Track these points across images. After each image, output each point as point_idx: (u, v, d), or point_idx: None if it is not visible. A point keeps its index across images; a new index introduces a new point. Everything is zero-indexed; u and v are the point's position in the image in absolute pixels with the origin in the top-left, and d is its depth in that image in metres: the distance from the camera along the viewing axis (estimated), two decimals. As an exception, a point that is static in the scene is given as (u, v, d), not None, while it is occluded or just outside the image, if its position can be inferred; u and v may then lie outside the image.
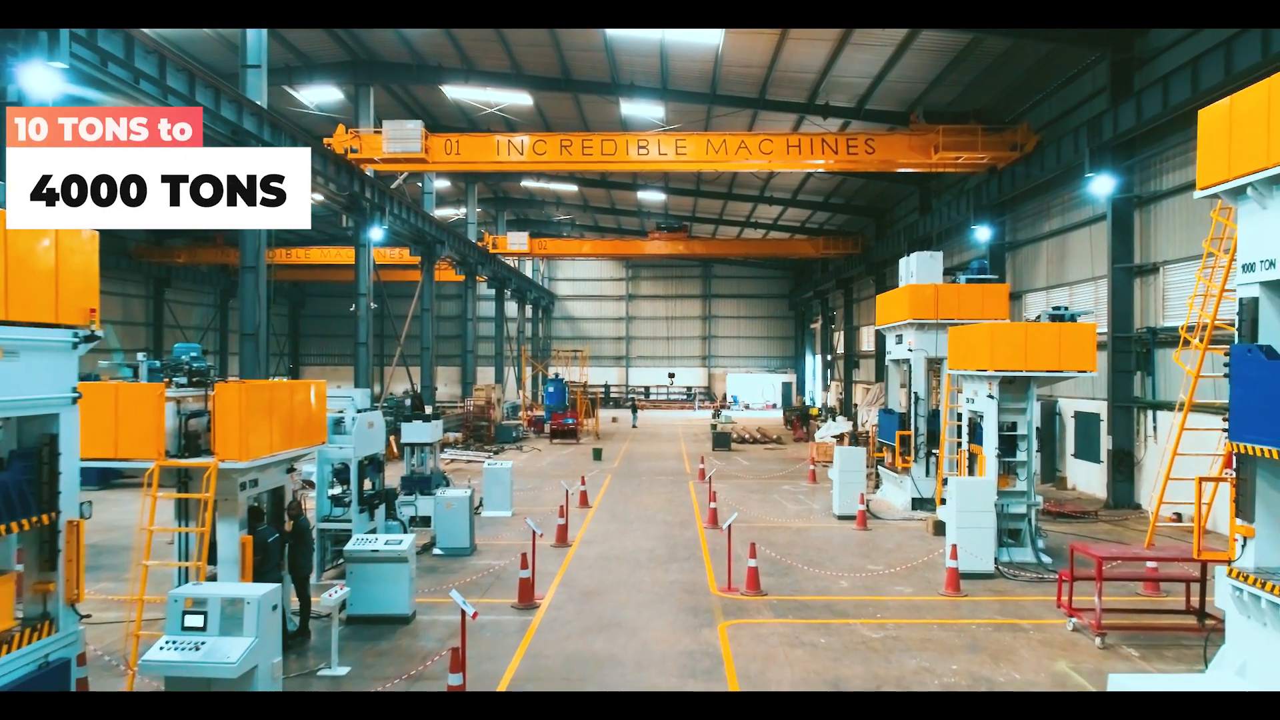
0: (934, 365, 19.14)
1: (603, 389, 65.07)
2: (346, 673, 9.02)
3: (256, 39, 20.90)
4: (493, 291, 50.71)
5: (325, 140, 24.69)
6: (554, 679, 8.92)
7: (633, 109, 30.58)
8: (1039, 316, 15.10)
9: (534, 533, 13.04)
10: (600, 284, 68.30)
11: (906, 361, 20.04)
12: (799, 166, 25.66)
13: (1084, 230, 22.35)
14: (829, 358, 55.21)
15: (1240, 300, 8.26)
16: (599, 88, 28.33)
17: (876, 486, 21.65)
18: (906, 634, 10.43)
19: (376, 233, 27.84)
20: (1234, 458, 8.22)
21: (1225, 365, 8.06)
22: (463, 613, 8.45)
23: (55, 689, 6.51)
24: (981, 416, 14.75)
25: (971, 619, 11.06)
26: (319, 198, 25.28)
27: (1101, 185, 19.79)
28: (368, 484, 13.54)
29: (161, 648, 6.80)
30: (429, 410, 20.93)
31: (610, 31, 23.51)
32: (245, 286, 20.29)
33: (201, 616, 6.92)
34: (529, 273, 63.69)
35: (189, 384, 9.31)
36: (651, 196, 46.34)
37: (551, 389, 39.42)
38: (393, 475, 17.41)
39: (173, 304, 50.64)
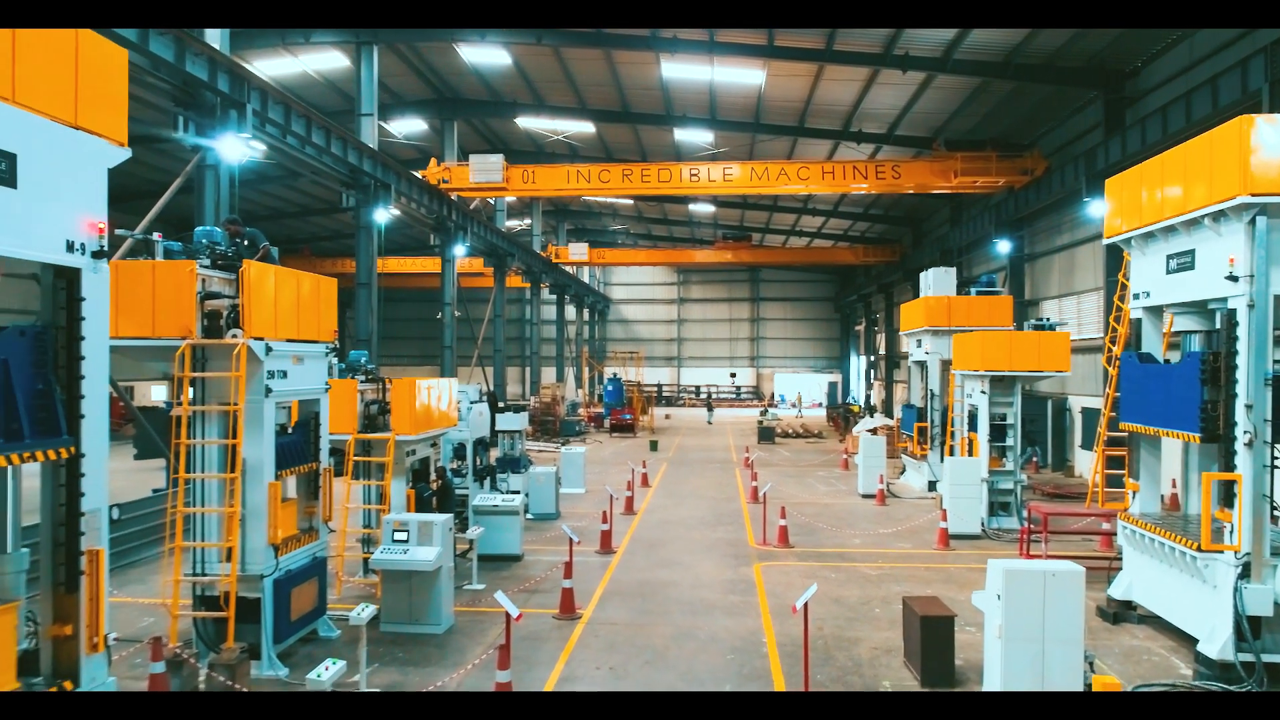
0: (947, 366, 22.14)
1: (655, 388, 68.63)
2: (484, 587, 12.56)
3: (369, 88, 24.84)
4: (554, 297, 54.56)
5: (421, 172, 28.53)
6: (631, 593, 12.35)
7: (684, 135, 33.94)
8: (1022, 326, 18.09)
9: (610, 498, 16.52)
10: (653, 288, 71.75)
11: (924, 363, 23.07)
12: (835, 190, 28.74)
13: (1088, 246, 25.11)
14: (872, 358, 57.95)
15: (1131, 320, 11.37)
16: (654, 119, 31.77)
17: (902, 472, 24.72)
18: (898, 572, 13.62)
19: (460, 249, 31.73)
20: (1129, 434, 11.31)
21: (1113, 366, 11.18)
22: (571, 542, 11.93)
23: (318, 575, 10.13)
24: (977, 409, 17.82)
25: (953, 565, 14.20)
26: (396, 212, 29.19)
27: (1098, 209, 22.58)
28: (480, 460, 17.12)
29: (381, 552, 10.36)
30: (501, 405, 24.65)
31: (665, 74, 26.92)
32: (359, 300, 24.14)
33: (406, 533, 10.46)
34: (586, 279, 67.52)
35: (367, 380, 12.95)
36: (701, 208, 49.62)
37: (610, 387, 43.01)
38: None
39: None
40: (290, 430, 10.15)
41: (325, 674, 6.88)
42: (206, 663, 8.37)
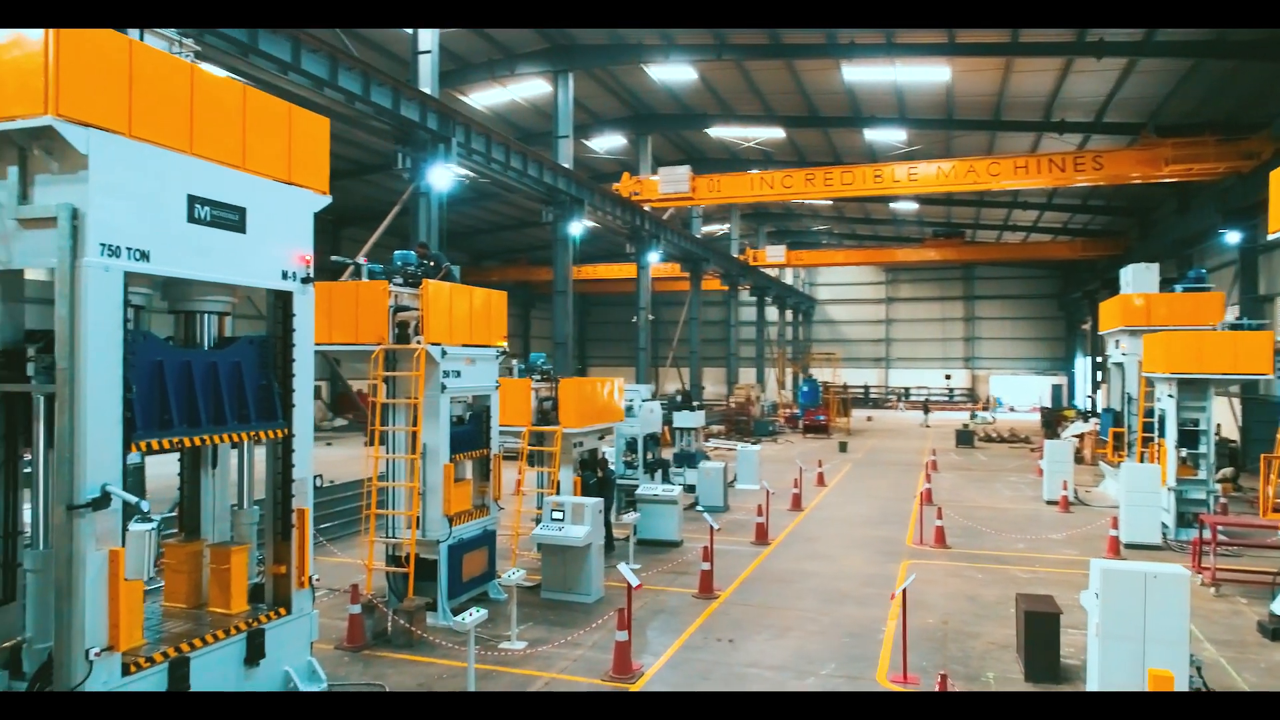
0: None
1: (862, 390, 67.54)
2: (638, 568, 13.87)
3: (565, 112, 27.11)
4: (754, 299, 55.44)
5: (614, 186, 30.55)
6: (772, 580, 13.18)
7: (875, 135, 33.74)
8: (1218, 326, 16.87)
9: (767, 491, 17.35)
10: (859, 288, 70.55)
11: (1122, 364, 21.81)
12: (1027, 185, 27.55)
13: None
14: (1098, 359, 53.78)
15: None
16: (842, 121, 31.92)
17: (1101, 480, 23.45)
18: (1051, 577, 13.44)
19: (654, 256, 33.57)
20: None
21: None
22: (711, 530, 13.00)
23: (488, 545, 11.87)
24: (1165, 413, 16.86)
25: (1116, 573, 13.74)
26: (594, 224, 31.34)
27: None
28: (650, 454, 18.54)
29: (541, 529, 11.94)
30: (695, 404, 26.02)
31: (847, 77, 27.13)
32: (557, 306, 26.44)
33: (561, 513, 11.96)
34: (790, 280, 67.71)
35: (541, 379, 14.67)
36: (904, 206, 48.52)
37: (806, 388, 43.26)
38: (667, 453, 22.44)
39: (488, 315, 60.54)
40: (466, 421, 11.96)
41: (468, 619, 8.41)
42: (392, 609, 10.26)
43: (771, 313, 62.42)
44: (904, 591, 9.17)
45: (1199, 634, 10.42)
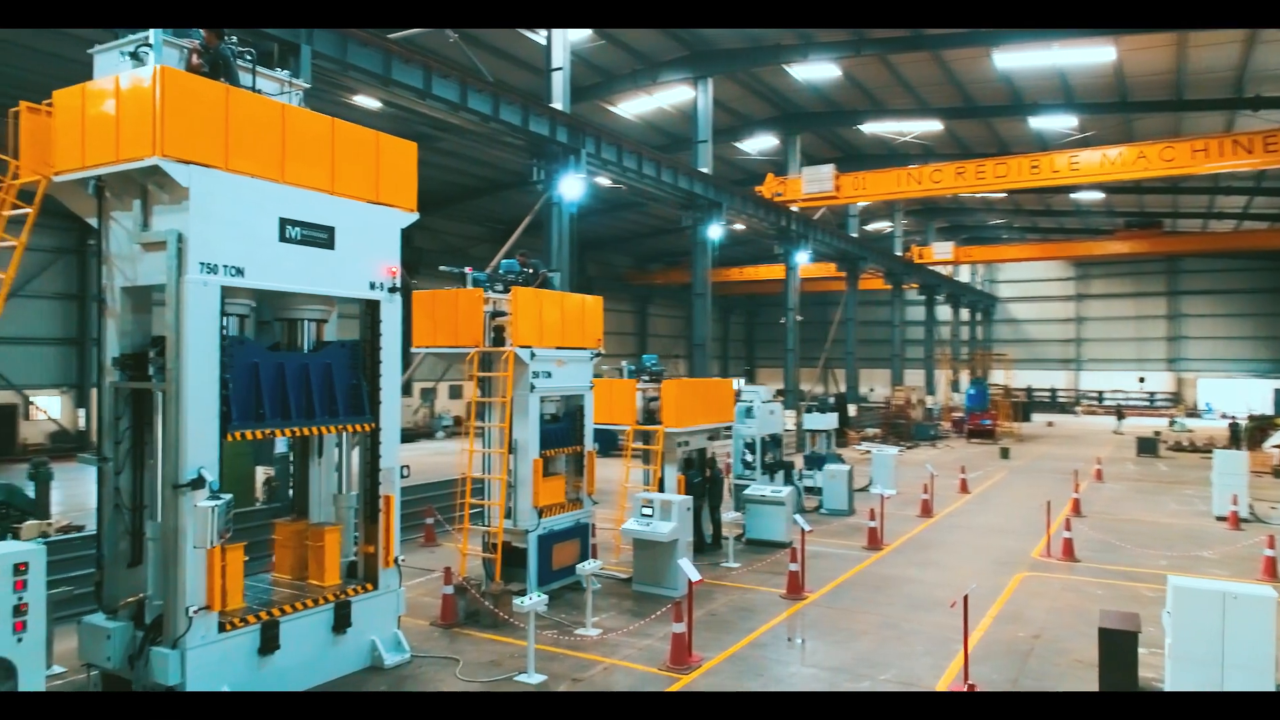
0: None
1: (1048, 393, 63.26)
2: (737, 566, 14.07)
3: (704, 117, 27.49)
4: (923, 298, 53.37)
5: (756, 188, 30.61)
6: (867, 585, 13.00)
7: (1042, 123, 31.75)
8: None
9: (882, 496, 16.97)
10: (1045, 284, 66.06)
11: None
12: (1210, 169, 25.02)
13: None
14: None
15: None
16: (1002, 110, 30.33)
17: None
18: (1182, 597, 12.38)
19: (802, 256, 33.29)
20: None
21: None
22: (802, 531, 13.03)
23: (580, 537, 12.52)
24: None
25: (1264, 597, 12.47)
26: (740, 226, 31.47)
27: None
28: (770, 455, 18.58)
29: (631, 523, 12.44)
30: (852, 409, 25.71)
31: (1000, 64, 25.80)
32: (696, 308, 26.89)
33: (650, 509, 12.41)
34: (965, 277, 64.58)
35: (650, 380, 15.16)
36: (1088, 196, 45.11)
37: (973, 391, 41.18)
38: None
39: (653, 317, 61.92)
40: (560, 419, 12.67)
41: (527, 602, 9.05)
42: (481, 591, 11.10)
43: (945, 312, 59.81)
44: (965, 599, 8.91)
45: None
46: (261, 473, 14.98)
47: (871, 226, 53.97)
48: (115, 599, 8.17)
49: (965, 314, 62.47)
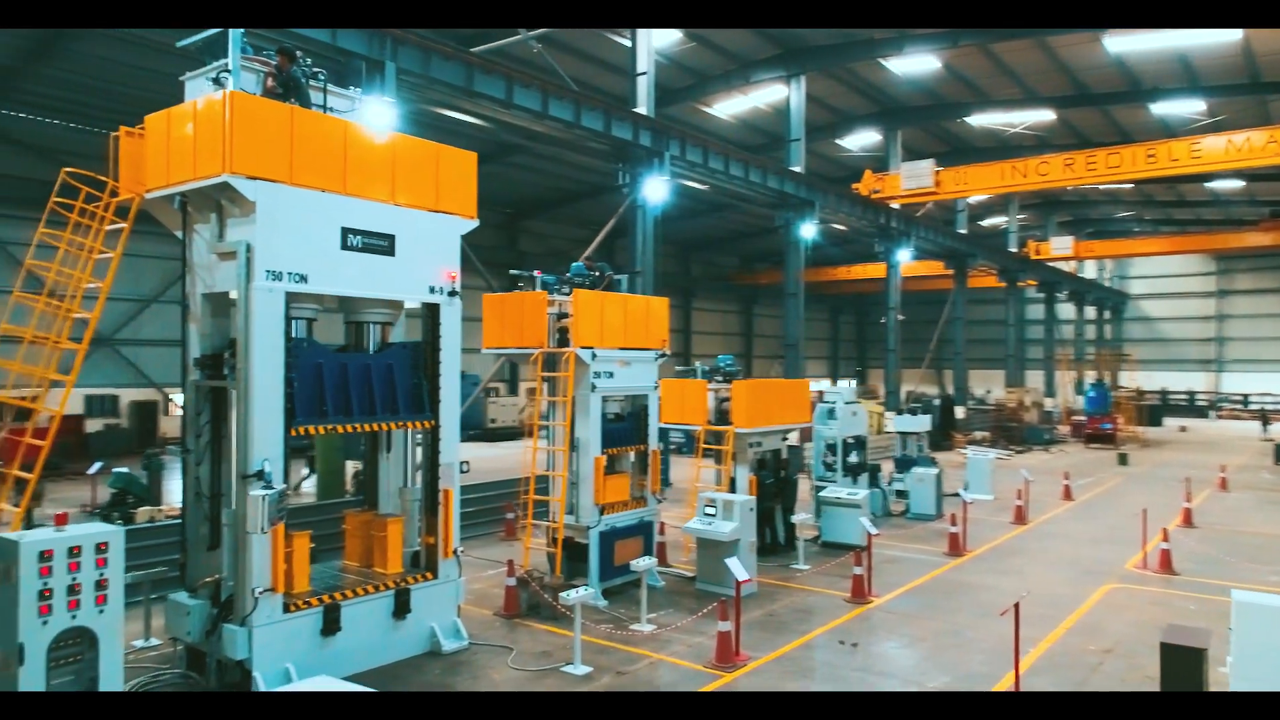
0: None
1: (1185, 396, 59.24)
2: (806, 568, 13.97)
3: (797, 116, 27.22)
4: (1043, 295, 50.95)
5: (853, 185, 30.04)
6: (938, 591, 12.68)
7: (1165, 108, 29.87)
8: None
9: (964, 501, 16.43)
10: (1182, 280, 61.93)
11: None
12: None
13: None
14: None
15: None
16: (1119, 97, 28.74)
17: None
18: (1286, 615, 11.52)
19: (904, 254, 32.47)
20: None
21: None
22: (869, 534, 12.82)
23: (644, 535, 12.72)
24: None
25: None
26: (839, 226, 30.90)
27: None
28: (853, 457, 18.28)
29: (694, 522, 12.56)
30: (960, 411, 24.96)
31: (1112, 49, 24.47)
32: (788, 309, 26.67)
33: (714, 509, 12.50)
34: (1092, 274, 61.31)
35: (723, 380, 15.22)
36: (1227, 184, 42.06)
37: (1092, 393, 39.08)
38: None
39: (758, 317, 61.51)
40: (623, 418, 12.91)
41: (574, 595, 9.32)
42: (542, 585, 11.46)
43: (1069, 310, 56.94)
44: (1016, 606, 8.63)
45: None
46: (351, 466, 15.86)
47: (987, 222, 51.98)
48: (196, 579, 8.93)
49: (1091, 312, 59.23)
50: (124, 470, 14.46)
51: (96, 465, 15.70)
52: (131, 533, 11.76)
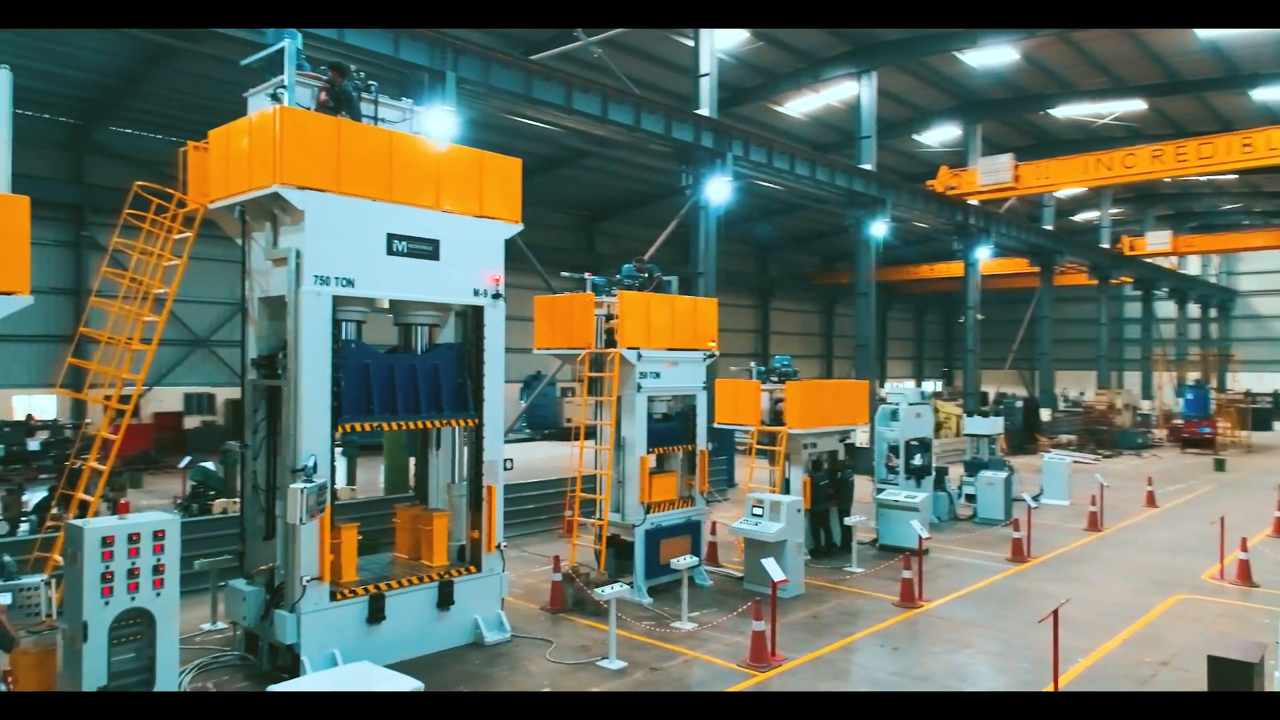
0: None
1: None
2: (859, 571, 13.80)
3: (868, 113, 26.77)
4: (1139, 293, 48.73)
5: (927, 183, 29.37)
6: (993, 598, 12.38)
7: (1268, 94, 28.21)
8: None
9: (1028, 506, 15.93)
10: (1296, 275, 58.22)
11: None
12: None
13: None
14: None
15: None
16: (1214, 84, 27.31)
17: None
18: (1370, 633, 10.84)
19: (983, 252, 31.57)
20: None
21: None
22: (920, 538, 12.60)
23: (692, 535, 12.80)
24: None
25: None
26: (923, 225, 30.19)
27: None
28: (917, 459, 17.94)
29: (741, 522, 12.59)
30: (1046, 413, 24.18)
31: (1202, 34, 23.30)
32: (859, 309, 26.28)
33: (761, 509, 12.50)
34: (1197, 270, 58.29)
35: (777, 381, 15.18)
36: (1342, 173, 39.39)
37: (1191, 396, 37.14)
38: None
39: (839, 316, 60.59)
40: (671, 418, 13.03)
41: (609, 591, 9.50)
42: (587, 580, 11.68)
43: (1169, 308, 54.23)
44: (1055, 612, 8.40)
45: None
46: (414, 463, 16.41)
47: (1080, 217, 49.97)
48: (253, 566, 9.48)
49: (1195, 310, 56.27)
50: (205, 464, 15.35)
51: (186, 459, 16.68)
52: (204, 523, 12.57)
